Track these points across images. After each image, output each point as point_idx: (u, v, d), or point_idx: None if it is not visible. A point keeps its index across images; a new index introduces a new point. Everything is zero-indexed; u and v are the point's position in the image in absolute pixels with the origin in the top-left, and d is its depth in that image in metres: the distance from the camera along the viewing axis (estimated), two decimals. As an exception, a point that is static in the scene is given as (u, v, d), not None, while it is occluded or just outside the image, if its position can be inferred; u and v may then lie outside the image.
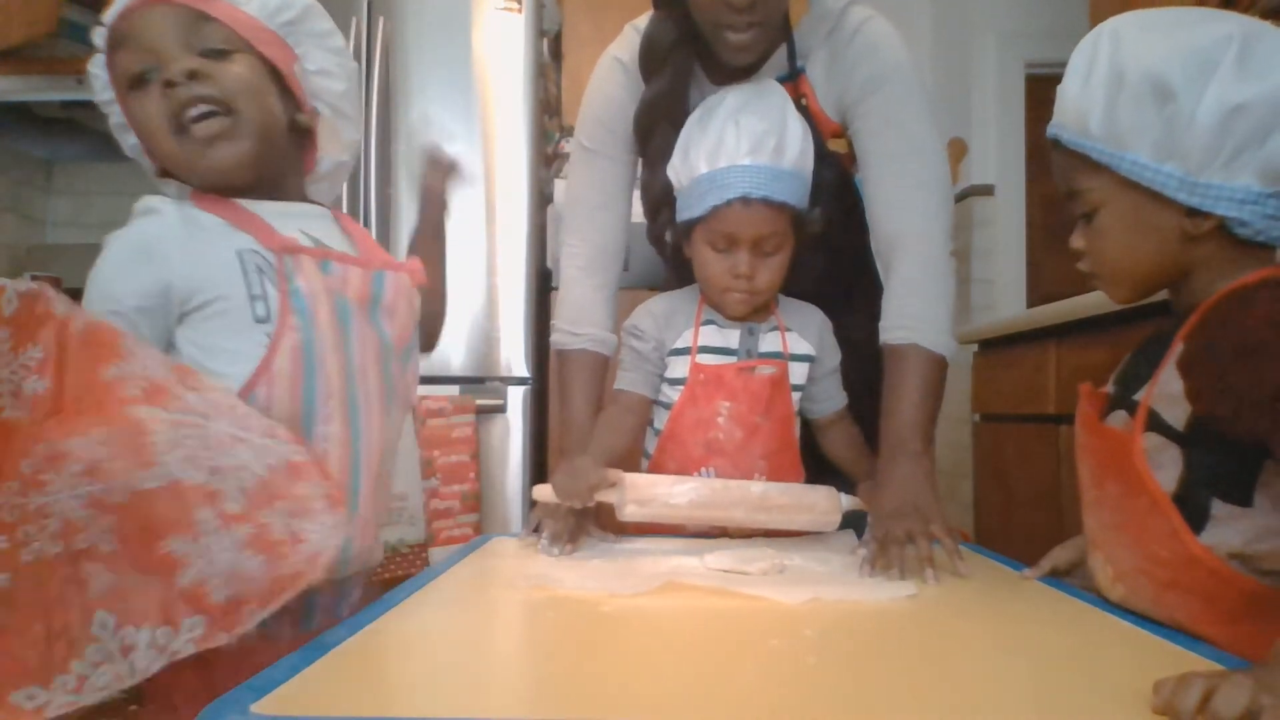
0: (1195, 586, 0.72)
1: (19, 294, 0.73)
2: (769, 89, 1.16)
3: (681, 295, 1.23)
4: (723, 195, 1.09)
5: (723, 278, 1.13)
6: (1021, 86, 3.18)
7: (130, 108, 0.86)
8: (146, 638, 0.69)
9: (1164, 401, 0.74)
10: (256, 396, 0.81)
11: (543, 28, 2.44)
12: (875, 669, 0.64)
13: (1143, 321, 1.58)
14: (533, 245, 2.30)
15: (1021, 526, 2.15)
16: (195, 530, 0.71)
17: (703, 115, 1.14)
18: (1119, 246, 0.80)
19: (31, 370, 0.72)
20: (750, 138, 1.08)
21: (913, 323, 1.13)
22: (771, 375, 1.16)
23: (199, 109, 0.84)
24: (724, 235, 1.11)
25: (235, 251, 0.83)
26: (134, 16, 0.84)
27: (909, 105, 1.19)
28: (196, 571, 0.71)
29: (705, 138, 1.11)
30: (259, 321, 0.82)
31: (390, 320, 0.92)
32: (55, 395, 0.72)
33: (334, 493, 0.76)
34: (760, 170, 1.08)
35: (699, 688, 0.59)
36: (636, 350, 1.20)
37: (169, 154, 0.86)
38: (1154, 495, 0.73)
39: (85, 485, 0.70)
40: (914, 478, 1.03)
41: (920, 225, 1.16)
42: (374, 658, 0.64)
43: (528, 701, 0.58)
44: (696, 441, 1.15)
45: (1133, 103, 0.75)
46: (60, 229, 2.98)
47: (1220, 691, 0.51)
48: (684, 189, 1.15)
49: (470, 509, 2.12)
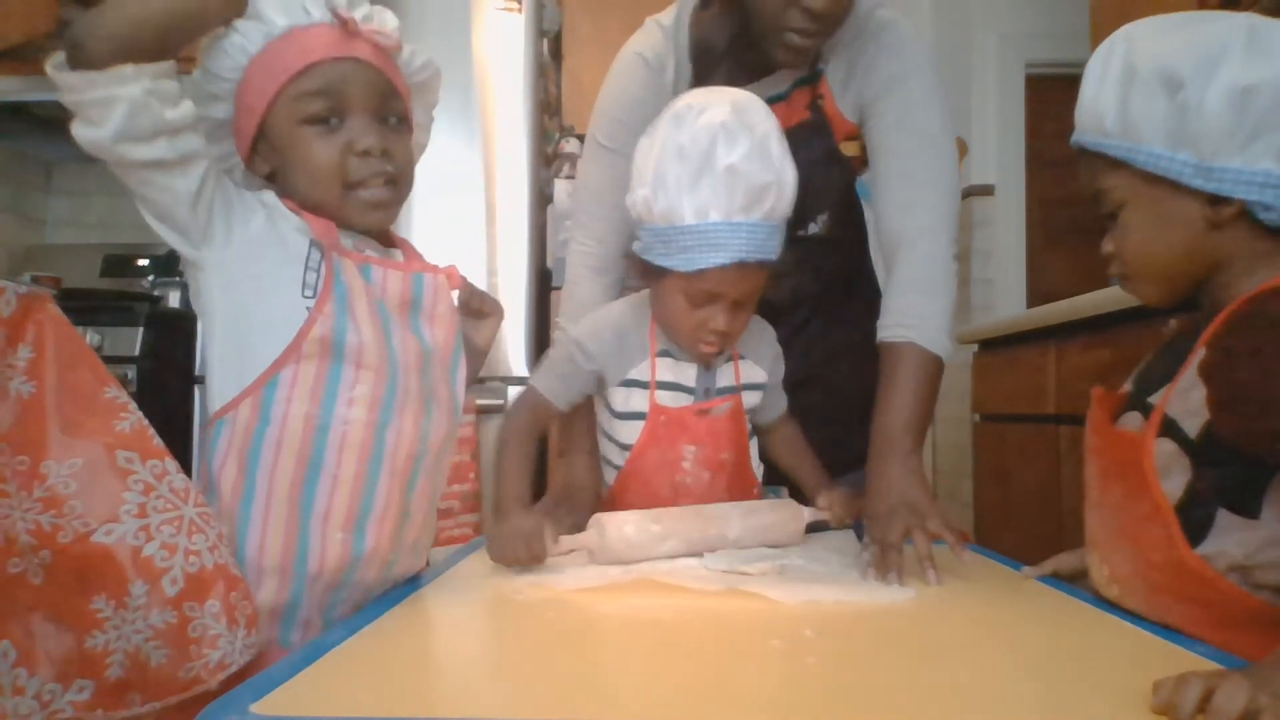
0: (1187, 594, 0.72)
1: (18, 295, 0.73)
2: (754, 112, 0.99)
3: (631, 316, 1.13)
4: (715, 259, 0.97)
5: (696, 331, 1.05)
6: (1021, 86, 3.18)
7: (297, 137, 0.86)
8: (35, 687, 0.67)
9: (1181, 408, 0.74)
10: (282, 377, 0.82)
11: (543, 28, 2.43)
12: (875, 669, 0.64)
13: (1143, 322, 1.58)
14: (533, 245, 2.30)
15: (1021, 526, 2.15)
16: (122, 600, 0.70)
17: (685, 149, 0.97)
18: (1144, 241, 0.80)
19: (19, 370, 0.71)
20: (748, 192, 0.96)
21: (911, 321, 1.12)
22: (730, 410, 1.12)
23: (371, 179, 0.88)
24: (706, 293, 1.01)
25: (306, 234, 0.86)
26: (330, 65, 0.86)
27: (925, 106, 1.18)
28: (107, 640, 0.69)
29: (695, 185, 0.96)
30: (305, 293, 0.84)
31: (430, 324, 0.92)
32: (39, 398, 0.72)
33: (253, 615, 0.77)
34: (756, 230, 0.98)
35: (699, 688, 0.59)
36: (577, 365, 1.11)
37: (325, 200, 0.88)
38: (1156, 501, 0.73)
39: (36, 513, 0.68)
40: (904, 476, 1.03)
41: (926, 224, 1.15)
42: (374, 658, 0.64)
43: (527, 701, 0.58)
44: (663, 483, 1.11)
45: (1143, 95, 0.76)
46: (60, 229, 2.98)
47: (1219, 691, 0.51)
48: (659, 231, 1.00)
49: (470, 509, 2.12)
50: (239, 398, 0.82)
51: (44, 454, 0.70)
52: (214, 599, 0.73)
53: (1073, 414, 1.88)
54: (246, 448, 0.82)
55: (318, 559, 0.83)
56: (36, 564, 0.69)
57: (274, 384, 0.82)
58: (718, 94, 1.02)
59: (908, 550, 0.93)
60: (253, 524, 0.81)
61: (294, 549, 0.82)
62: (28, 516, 0.68)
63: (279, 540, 0.82)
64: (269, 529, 0.82)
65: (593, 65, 2.82)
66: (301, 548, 0.82)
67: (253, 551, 0.81)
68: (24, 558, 0.69)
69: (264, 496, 0.82)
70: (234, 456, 0.82)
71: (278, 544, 0.82)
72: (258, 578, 0.81)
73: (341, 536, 0.83)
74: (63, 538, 0.69)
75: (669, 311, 1.06)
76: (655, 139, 1.01)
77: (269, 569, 0.81)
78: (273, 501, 0.82)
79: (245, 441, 0.82)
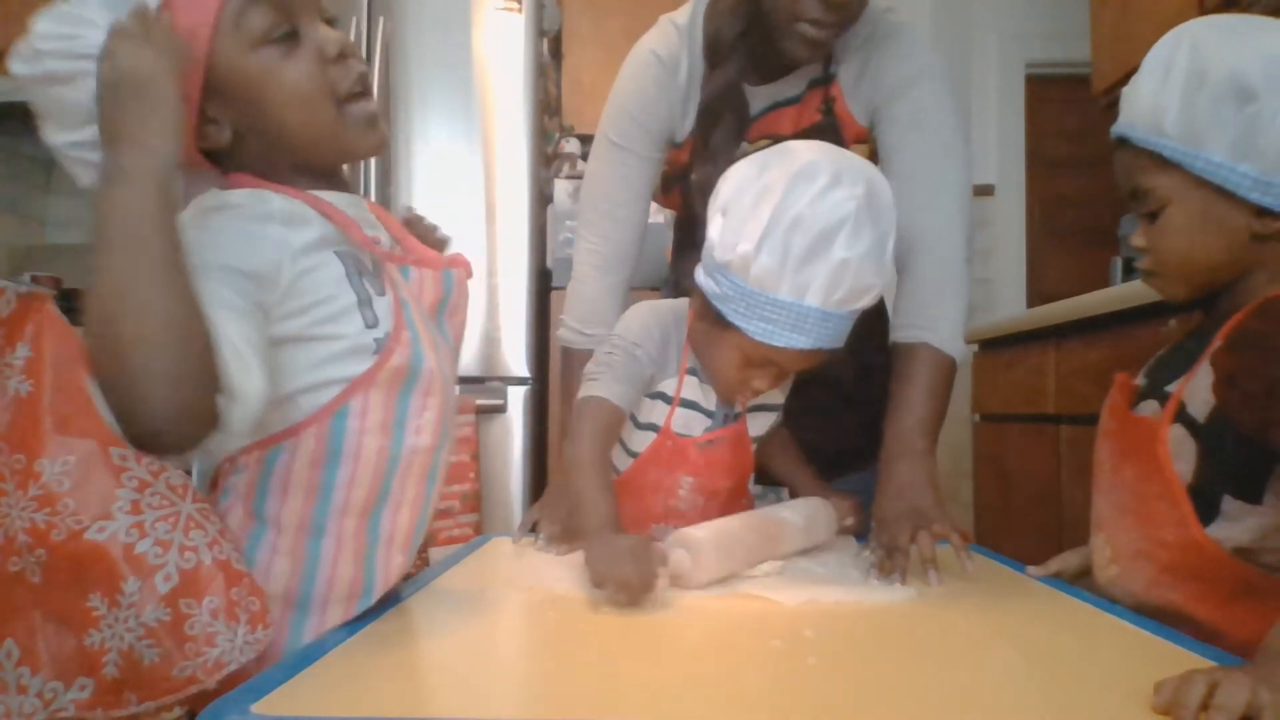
0: (1195, 571, 0.75)
1: (18, 295, 0.73)
2: (883, 201, 0.94)
3: (673, 325, 1.09)
4: (796, 341, 0.93)
5: (739, 385, 1.03)
6: (1021, 86, 3.18)
7: (258, 67, 0.75)
8: (38, 686, 0.67)
9: (1192, 394, 0.76)
10: (351, 407, 0.75)
11: (543, 28, 2.44)
12: (876, 669, 0.64)
13: (1143, 322, 1.58)
14: (533, 245, 2.30)
15: (1021, 526, 2.15)
16: (115, 598, 0.68)
17: (805, 223, 0.89)
18: (1185, 243, 0.81)
19: (17, 370, 0.71)
20: (853, 290, 0.92)
21: (925, 322, 1.12)
22: (732, 440, 1.10)
23: (358, 86, 0.78)
24: (766, 360, 0.98)
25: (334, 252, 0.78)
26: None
27: (937, 108, 1.18)
28: (102, 639, 0.68)
29: (803, 266, 0.90)
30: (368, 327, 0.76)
31: (452, 319, 0.89)
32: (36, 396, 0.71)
33: (260, 612, 0.71)
34: (844, 320, 0.95)
35: (699, 688, 0.59)
36: (640, 365, 1.05)
37: (321, 128, 0.78)
38: (1169, 482, 0.76)
39: (31, 511, 0.68)
40: (917, 480, 1.03)
41: (939, 226, 1.15)
42: (374, 658, 0.64)
43: (527, 701, 0.58)
44: (656, 503, 1.10)
45: (1212, 102, 0.76)
46: (60, 229, 2.98)
47: (1221, 689, 0.51)
48: (745, 291, 0.93)
49: (470, 509, 2.12)
50: (299, 426, 0.75)
51: (39, 452, 0.69)
52: (213, 595, 0.70)
53: (1073, 414, 1.88)
54: (316, 480, 0.76)
55: (381, 583, 0.79)
56: (34, 563, 0.68)
57: (343, 414, 0.75)
58: (850, 164, 0.94)
59: (911, 552, 0.93)
60: (323, 559, 0.76)
61: (361, 578, 0.78)
62: (23, 515, 0.68)
63: (349, 571, 0.78)
64: (340, 562, 0.77)
65: (593, 65, 2.82)
66: (368, 576, 0.78)
67: (322, 586, 0.76)
68: (22, 556, 0.68)
69: (335, 530, 0.77)
70: (297, 490, 0.76)
71: (348, 575, 0.78)
72: (323, 608, 0.76)
73: (400, 560, 0.80)
74: (56, 535, 0.68)
75: (717, 358, 1.03)
76: (768, 189, 0.92)
77: (336, 599, 0.77)
78: (343, 534, 0.77)
79: (313, 474, 0.76)
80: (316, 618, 0.76)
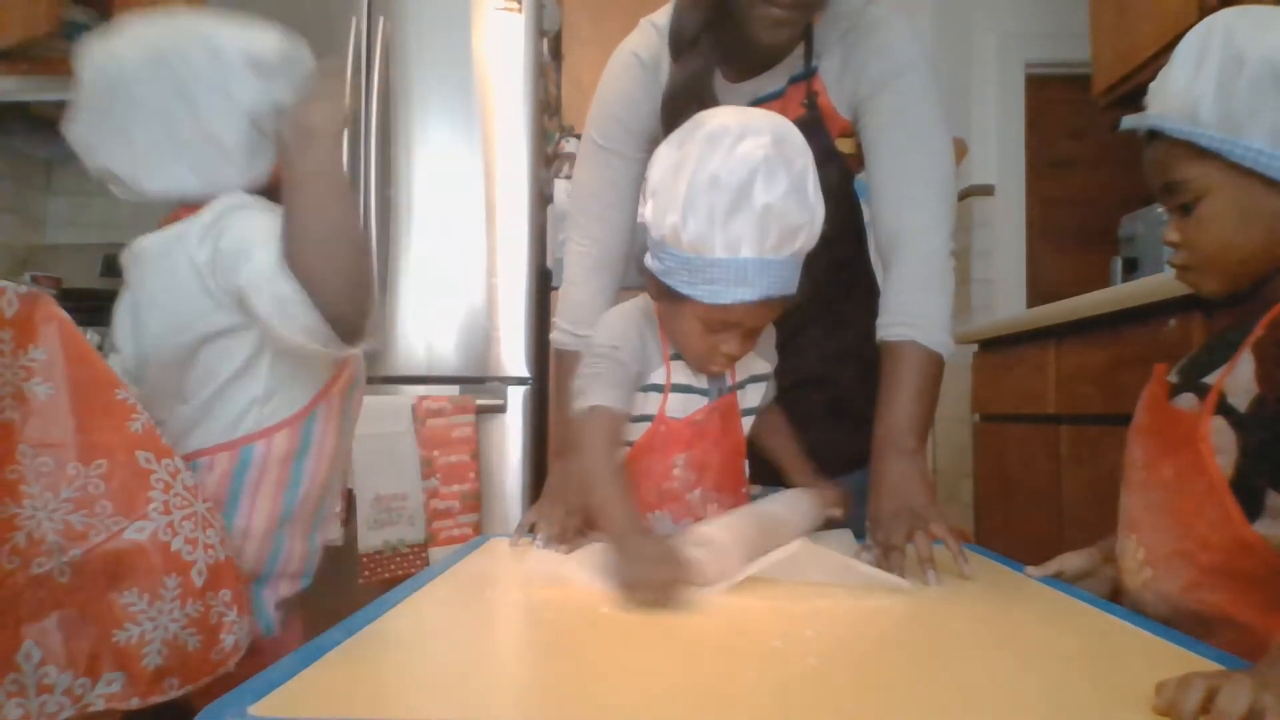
0: (1241, 572, 0.72)
1: (19, 296, 0.73)
2: (793, 146, 0.95)
3: (645, 320, 1.10)
4: (742, 294, 0.94)
5: (708, 354, 1.03)
6: (1021, 86, 3.18)
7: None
8: (66, 683, 0.69)
9: (1234, 385, 0.74)
10: (316, 416, 0.94)
11: (543, 28, 2.43)
12: (876, 669, 0.64)
13: (1143, 322, 1.58)
14: (533, 245, 2.30)
15: (1021, 526, 2.15)
16: (156, 592, 0.74)
17: (721, 180, 0.91)
18: (1223, 234, 0.79)
19: (34, 373, 0.72)
20: (782, 231, 0.93)
21: (911, 319, 1.11)
22: (722, 410, 1.09)
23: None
24: (724, 322, 0.99)
25: None
26: None
27: (920, 103, 1.17)
28: (141, 632, 0.72)
29: (729, 220, 0.91)
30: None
31: None
32: (56, 400, 0.72)
33: (248, 599, 0.84)
34: (785, 266, 0.95)
35: (699, 688, 0.59)
36: (626, 369, 1.06)
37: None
38: (1212, 478, 0.73)
39: (66, 512, 0.69)
40: (908, 478, 1.03)
41: (923, 222, 1.15)
42: (373, 659, 0.64)
43: (526, 702, 0.58)
44: (649, 488, 1.09)
45: (1251, 88, 0.74)
46: (60, 229, 2.98)
47: (1223, 692, 0.51)
48: (684, 259, 0.95)
49: (470, 509, 2.12)
50: (274, 428, 0.90)
51: (68, 455, 0.72)
52: (227, 588, 0.79)
53: (1073, 414, 1.88)
54: (285, 474, 0.92)
55: (317, 560, 0.97)
56: (65, 563, 0.71)
57: (313, 418, 0.93)
58: (755, 119, 0.95)
59: (909, 551, 0.93)
60: (287, 541, 0.93)
61: (307, 555, 0.96)
62: (55, 517, 0.70)
63: (300, 548, 0.95)
64: (294, 542, 0.94)
65: (593, 65, 2.81)
66: (311, 553, 0.97)
67: (284, 562, 0.94)
68: (51, 557, 0.70)
69: (298, 515, 0.94)
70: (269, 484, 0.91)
71: (299, 552, 0.95)
72: (276, 583, 0.93)
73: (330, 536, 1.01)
74: (95, 536, 0.72)
75: (682, 332, 1.04)
76: (684, 159, 0.94)
77: (287, 575, 0.94)
78: (300, 517, 0.94)
79: (283, 469, 0.92)
80: (270, 589, 0.92)
